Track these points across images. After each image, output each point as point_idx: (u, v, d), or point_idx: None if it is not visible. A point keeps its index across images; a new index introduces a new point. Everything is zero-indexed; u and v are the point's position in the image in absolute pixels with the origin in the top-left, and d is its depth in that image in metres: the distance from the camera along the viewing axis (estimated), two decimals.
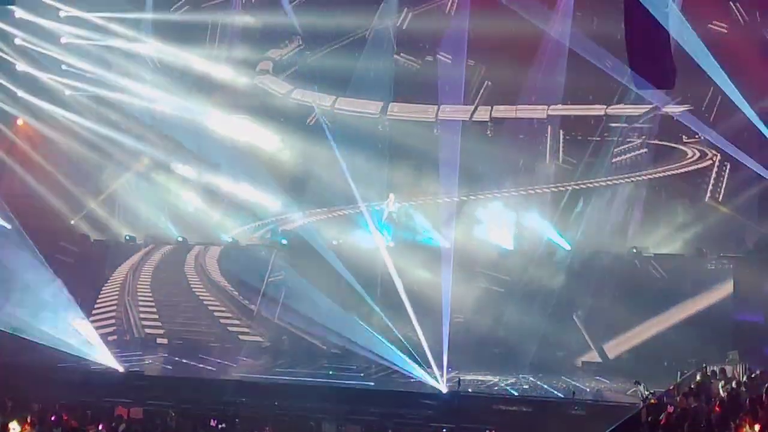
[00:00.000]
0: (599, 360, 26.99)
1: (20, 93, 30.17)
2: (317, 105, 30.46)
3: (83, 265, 30.31)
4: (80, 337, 27.00)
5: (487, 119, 29.45)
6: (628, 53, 13.93)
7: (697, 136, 27.57)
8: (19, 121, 30.83)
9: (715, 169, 27.44)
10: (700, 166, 27.54)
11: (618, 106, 28.42)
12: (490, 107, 29.36)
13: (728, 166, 27.11)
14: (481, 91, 29.07)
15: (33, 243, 28.48)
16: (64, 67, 30.62)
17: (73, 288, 28.19)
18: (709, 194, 27.34)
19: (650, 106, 27.79)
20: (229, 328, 29.78)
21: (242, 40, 30.93)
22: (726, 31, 26.24)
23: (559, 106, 28.78)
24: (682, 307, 26.18)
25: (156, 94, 31.20)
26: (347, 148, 28.81)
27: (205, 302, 30.44)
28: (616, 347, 26.99)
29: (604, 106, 28.56)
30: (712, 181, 27.33)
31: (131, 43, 30.97)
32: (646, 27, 13.40)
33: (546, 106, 28.91)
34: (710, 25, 26.19)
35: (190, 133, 31.27)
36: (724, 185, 27.22)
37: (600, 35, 26.35)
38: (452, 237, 27.83)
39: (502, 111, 29.34)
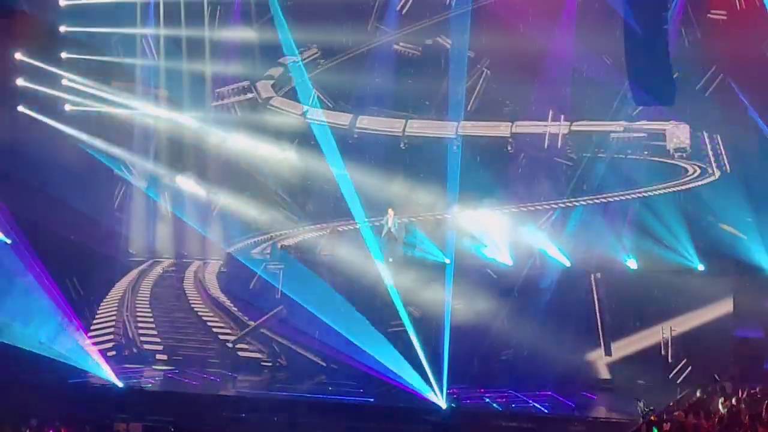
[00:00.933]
0: (603, 376, 26.91)
1: (20, 108, 30.20)
2: (292, 114, 30.57)
3: (82, 281, 30.27)
4: (79, 352, 27.03)
5: (453, 135, 29.53)
6: (627, 68, 13.97)
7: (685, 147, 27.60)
8: None
9: (710, 183, 27.47)
10: (700, 183, 27.55)
11: (581, 122, 28.50)
12: (457, 123, 29.44)
13: (727, 181, 27.11)
14: (480, 80, 29.02)
15: (32, 257, 28.57)
16: (65, 82, 30.67)
17: (72, 303, 28.24)
18: (708, 210, 27.32)
19: (623, 123, 27.94)
20: (228, 344, 29.72)
21: (252, 49, 30.84)
22: (725, 17, 26.15)
23: (522, 122, 28.80)
24: (682, 323, 26.16)
25: (156, 110, 31.28)
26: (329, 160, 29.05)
27: (204, 318, 30.38)
28: (614, 363, 26.98)
29: (568, 123, 28.64)
30: (711, 196, 27.33)
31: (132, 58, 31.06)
32: (646, 43, 13.44)
33: (510, 123, 28.94)
34: (709, 15, 26.17)
35: (189, 147, 31.31)
36: (723, 200, 27.20)
37: (600, 49, 26.53)
38: (452, 252, 27.83)
39: (469, 128, 29.46)
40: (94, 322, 30.35)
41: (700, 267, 26.71)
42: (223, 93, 31.34)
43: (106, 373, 26.56)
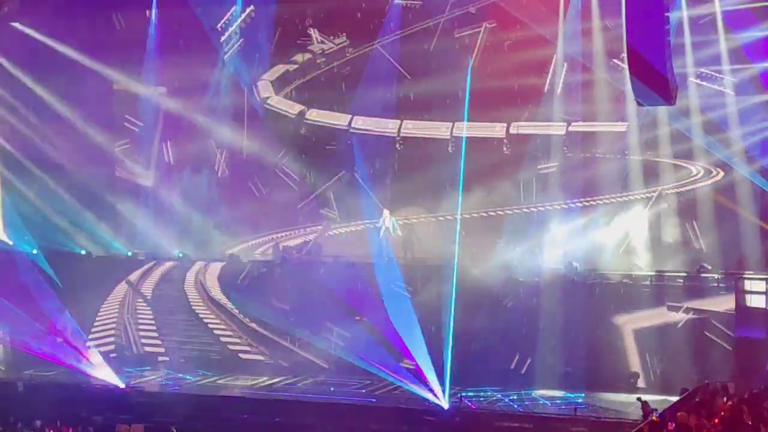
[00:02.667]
0: (606, 376, 26.86)
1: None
2: (259, 96, 30.95)
3: (83, 282, 30.27)
4: (81, 353, 27.07)
5: (395, 134, 29.73)
6: (629, 66, 13.95)
7: None
8: None
9: (714, 183, 27.51)
10: (703, 183, 27.58)
11: (522, 123, 28.54)
12: (400, 123, 29.60)
13: (730, 181, 27.13)
14: (480, 34, 29.03)
15: (33, 259, 28.62)
16: None
17: (74, 305, 28.26)
18: (709, 211, 27.36)
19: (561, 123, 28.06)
20: (230, 347, 29.71)
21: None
22: None
23: (462, 123, 28.92)
24: (683, 324, 26.15)
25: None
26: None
27: (205, 320, 30.36)
28: (616, 363, 26.95)
29: (505, 125, 28.85)
30: (711, 197, 27.37)
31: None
32: (646, 41, 13.43)
33: (451, 124, 29.23)
34: None
35: (192, 147, 31.42)
36: (723, 201, 27.23)
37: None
38: (452, 253, 27.84)
39: (410, 129, 29.59)
40: (96, 323, 30.35)
41: (704, 267, 26.74)
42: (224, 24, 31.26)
43: (107, 374, 26.58)
